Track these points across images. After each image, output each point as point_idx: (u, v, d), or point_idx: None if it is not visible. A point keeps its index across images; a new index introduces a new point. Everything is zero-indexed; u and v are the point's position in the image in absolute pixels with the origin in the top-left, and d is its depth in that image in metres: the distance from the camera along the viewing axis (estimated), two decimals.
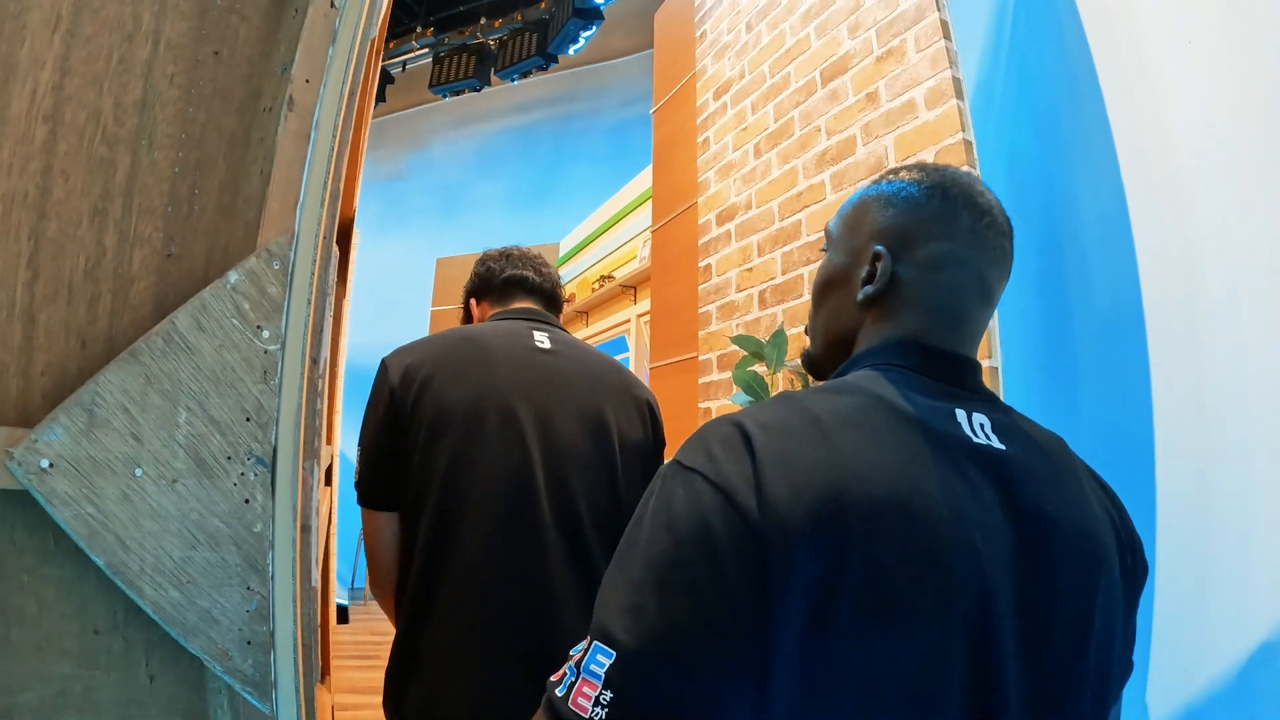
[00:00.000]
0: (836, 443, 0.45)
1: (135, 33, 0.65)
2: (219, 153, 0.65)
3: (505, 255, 1.26)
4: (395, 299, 6.17)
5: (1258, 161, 1.20)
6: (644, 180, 4.54)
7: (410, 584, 0.98)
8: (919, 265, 0.58)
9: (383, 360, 1.06)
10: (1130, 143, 1.49)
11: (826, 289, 0.64)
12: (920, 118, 1.80)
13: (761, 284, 2.32)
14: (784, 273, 2.24)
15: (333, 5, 0.73)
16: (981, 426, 0.52)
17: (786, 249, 2.24)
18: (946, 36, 1.78)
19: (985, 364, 1.53)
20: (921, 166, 0.63)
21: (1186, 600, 1.26)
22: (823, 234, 2.07)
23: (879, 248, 0.59)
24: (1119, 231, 1.48)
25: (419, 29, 6.21)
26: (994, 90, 1.94)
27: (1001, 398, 1.53)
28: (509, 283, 1.23)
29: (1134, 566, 0.55)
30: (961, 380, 0.56)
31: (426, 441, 0.98)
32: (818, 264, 2.09)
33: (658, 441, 1.15)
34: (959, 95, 1.73)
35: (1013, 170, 1.86)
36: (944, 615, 0.42)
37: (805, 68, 2.25)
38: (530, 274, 1.24)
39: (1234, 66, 1.27)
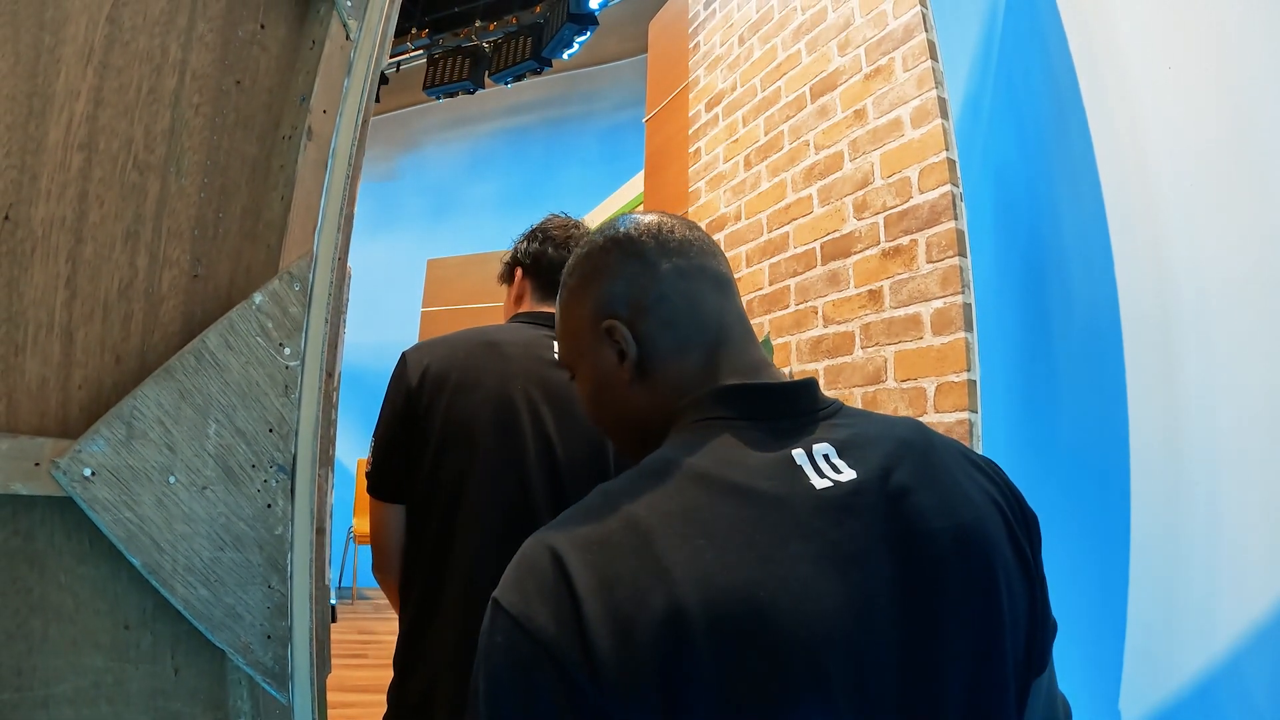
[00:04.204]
0: (661, 549, 0.42)
1: (163, 64, 0.69)
2: (242, 179, 0.70)
3: (568, 247, 1.19)
4: (385, 299, 6.17)
5: (1229, 182, 1.27)
6: (636, 186, 4.57)
7: (416, 585, 1.02)
8: (651, 308, 0.56)
9: (403, 354, 1.07)
10: (1111, 162, 1.55)
11: (597, 400, 0.60)
12: (906, 135, 1.86)
13: (750, 294, 2.37)
14: (771, 283, 2.29)
15: (348, 37, 0.78)
16: (826, 458, 0.48)
17: (774, 260, 2.30)
18: (933, 57, 1.84)
19: (964, 377, 1.58)
20: (580, 248, 0.63)
21: (1158, 608, 1.31)
22: (809, 248, 2.13)
23: (605, 323, 0.57)
24: (1099, 247, 1.54)
25: (414, 30, 6.23)
26: (982, 105, 2.00)
27: (979, 410, 1.58)
28: (558, 284, 1.19)
29: (1028, 535, 0.52)
30: (791, 410, 0.53)
31: (438, 448, 1.01)
32: (803, 276, 2.16)
33: None
34: (944, 115, 1.79)
35: (999, 186, 1.92)
36: (808, 703, 0.40)
37: (795, 83, 2.30)
38: None
39: (1210, 92, 1.33)
